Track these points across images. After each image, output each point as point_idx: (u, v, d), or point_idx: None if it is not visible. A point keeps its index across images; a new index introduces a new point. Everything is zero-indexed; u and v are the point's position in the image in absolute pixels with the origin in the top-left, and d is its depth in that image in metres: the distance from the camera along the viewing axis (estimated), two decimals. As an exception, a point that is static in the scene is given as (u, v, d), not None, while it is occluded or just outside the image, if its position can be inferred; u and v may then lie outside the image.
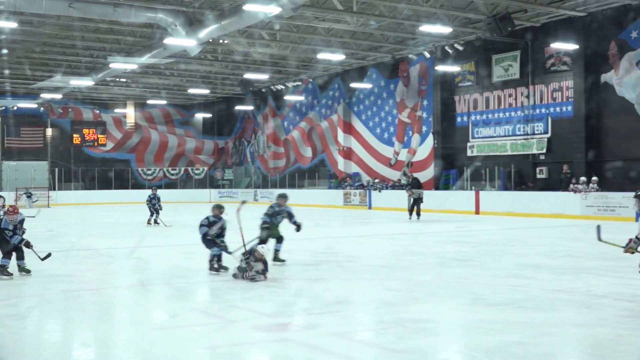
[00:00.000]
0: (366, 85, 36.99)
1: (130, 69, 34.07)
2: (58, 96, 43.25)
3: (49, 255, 11.81)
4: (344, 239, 18.77)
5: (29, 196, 39.37)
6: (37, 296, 10.06)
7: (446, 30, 26.07)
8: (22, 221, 11.62)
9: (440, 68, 31.20)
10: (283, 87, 39.97)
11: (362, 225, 24.25)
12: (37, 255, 11.41)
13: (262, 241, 12.31)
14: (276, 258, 12.79)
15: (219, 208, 12.14)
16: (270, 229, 12.84)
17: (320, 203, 36.27)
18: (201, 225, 11.79)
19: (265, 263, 10.92)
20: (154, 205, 23.19)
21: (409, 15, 26.28)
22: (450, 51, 29.60)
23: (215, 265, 11.72)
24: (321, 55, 31.69)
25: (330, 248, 15.62)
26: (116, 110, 49.88)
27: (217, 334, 7.46)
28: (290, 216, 12.96)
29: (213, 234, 11.78)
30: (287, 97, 42.73)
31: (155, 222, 23.04)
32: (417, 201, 24.68)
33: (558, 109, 27.51)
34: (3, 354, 6.62)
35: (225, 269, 11.69)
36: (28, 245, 11.26)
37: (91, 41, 30.70)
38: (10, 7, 21.82)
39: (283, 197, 13.13)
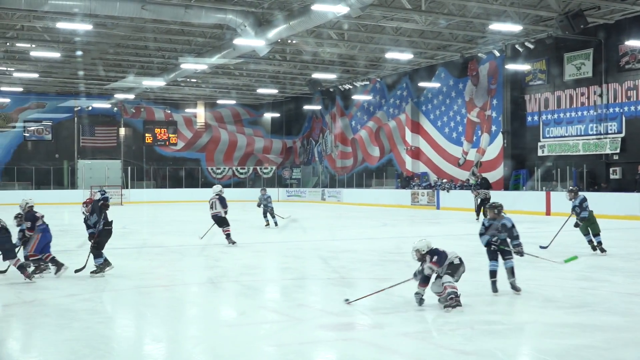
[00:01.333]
0: (434, 85, 36.67)
1: (201, 70, 34.55)
2: (131, 96, 44.20)
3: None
4: (412, 239, 18.62)
5: (103, 194, 40.31)
6: (111, 292, 10.29)
7: (516, 28, 25.62)
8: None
9: (511, 67, 30.70)
10: (351, 86, 39.94)
11: (429, 225, 24.06)
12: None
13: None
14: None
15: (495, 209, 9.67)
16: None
17: (388, 203, 36.13)
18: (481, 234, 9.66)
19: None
20: (266, 206, 22.29)
21: (478, 14, 25.96)
22: (520, 49, 29.10)
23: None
24: (389, 55, 31.55)
25: (397, 248, 15.53)
26: (187, 110, 50.64)
27: (284, 332, 7.50)
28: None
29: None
30: (355, 97, 42.70)
31: (275, 223, 22.11)
32: (484, 202, 24.35)
33: (632, 108, 26.75)
34: (77, 347, 6.80)
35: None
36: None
37: (163, 42, 31.25)
38: (85, 9, 22.35)
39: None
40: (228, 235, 16.46)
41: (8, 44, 30.99)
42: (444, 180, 34.76)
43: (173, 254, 15.06)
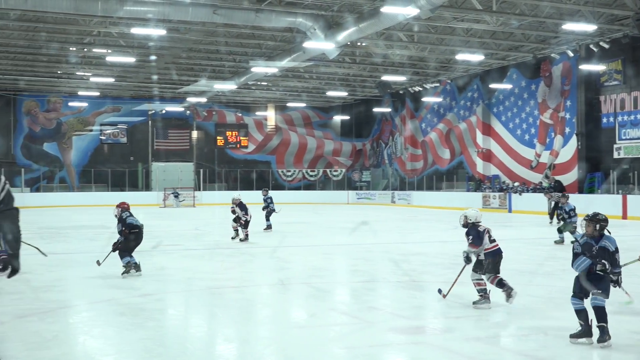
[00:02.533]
0: (506, 86, 36.10)
1: (271, 73, 34.82)
2: (203, 100, 44.87)
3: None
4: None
5: (176, 196, 41.12)
6: (183, 292, 10.46)
7: (591, 27, 25.05)
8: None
9: (585, 67, 29.99)
10: (421, 88, 39.70)
11: (501, 228, 23.68)
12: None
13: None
14: None
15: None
16: None
17: (459, 205, 35.63)
18: None
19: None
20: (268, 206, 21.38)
21: (551, 13, 25.47)
22: (595, 49, 28.44)
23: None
24: (460, 56, 31.24)
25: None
26: (257, 113, 51.10)
27: (354, 335, 7.49)
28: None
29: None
30: (425, 99, 42.38)
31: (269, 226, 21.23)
32: (557, 205, 23.86)
33: None
34: (151, 346, 6.93)
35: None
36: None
37: (234, 46, 31.64)
38: (159, 15, 22.80)
39: None
40: (246, 236, 17.77)
41: (85, 49, 31.87)
42: (516, 183, 34.19)
43: (244, 255, 15.20)
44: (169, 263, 13.49)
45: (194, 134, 49.41)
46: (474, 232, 8.72)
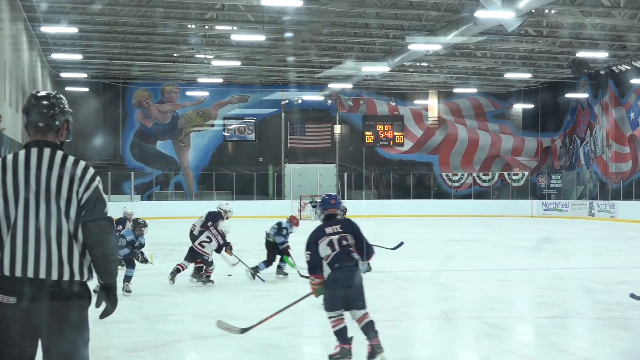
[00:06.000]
0: None
1: (433, 51, 34.70)
2: (348, 86, 45.29)
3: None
4: None
5: (315, 205, 41.61)
6: (319, 326, 10.59)
7: None
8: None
9: None
10: (629, 67, 38.44)
11: None
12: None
13: None
14: None
15: None
16: None
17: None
18: None
19: None
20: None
21: None
22: None
23: None
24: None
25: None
26: (416, 102, 51.12)
27: (540, 385, 7.36)
28: None
29: None
30: (634, 80, 41.04)
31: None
32: None
33: None
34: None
35: None
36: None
37: (387, 18, 31.77)
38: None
39: None
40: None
41: (207, 26, 32.93)
42: None
43: (399, 280, 15.23)
44: (306, 289, 13.68)
45: (337, 128, 50.01)
46: None
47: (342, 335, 8.11)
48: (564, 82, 46.39)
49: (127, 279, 12.77)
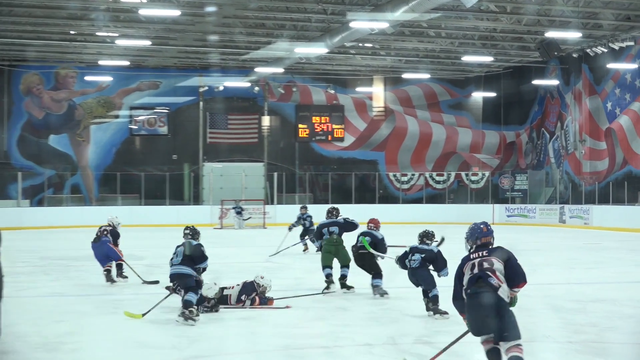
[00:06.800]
0: None
1: (379, 29, 34.74)
2: (278, 70, 45.12)
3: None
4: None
5: (239, 212, 41.44)
6: (247, 354, 10.57)
7: None
8: None
9: None
10: (605, 49, 38.98)
11: None
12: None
13: None
14: None
15: None
16: None
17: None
18: None
19: None
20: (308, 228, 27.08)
21: None
22: None
23: None
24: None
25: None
26: (358, 90, 51.22)
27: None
28: None
29: None
30: (611, 65, 41.66)
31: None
32: None
33: None
34: None
35: None
36: None
37: (324, -9, 31.88)
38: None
39: None
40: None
41: (110, -1, 32.65)
42: None
43: (337, 300, 15.25)
44: (227, 310, 13.66)
45: (265, 120, 49.98)
46: None
47: None
48: (531, 66, 46.88)
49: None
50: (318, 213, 41.02)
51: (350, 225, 17.53)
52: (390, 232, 18.45)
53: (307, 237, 26.41)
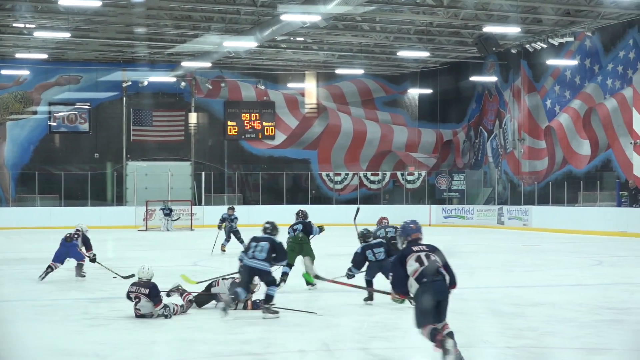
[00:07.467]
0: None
1: (311, 23, 34.78)
2: (206, 65, 45.06)
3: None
4: (642, 286, 18.28)
5: (168, 213, 41.13)
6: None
7: None
8: None
9: None
10: (544, 45, 39.35)
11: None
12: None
13: None
14: None
15: None
16: None
17: (604, 229, 35.39)
18: None
19: None
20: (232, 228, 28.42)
21: None
22: None
23: None
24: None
25: (622, 301, 15.22)
26: (290, 86, 51.20)
27: None
28: None
29: None
30: (550, 62, 42.07)
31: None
32: None
33: None
34: None
35: None
36: None
37: (254, -18, 31.84)
38: None
39: None
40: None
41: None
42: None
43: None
44: (153, 318, 13.60)
45: (192, 117, 49.77)
46: None
47: None
48: (468, 62, 47.21)
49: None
50: (248, 215, 41.23)
51: (309, 227, 18.37)
52: (324, 234, 18.53)
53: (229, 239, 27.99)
